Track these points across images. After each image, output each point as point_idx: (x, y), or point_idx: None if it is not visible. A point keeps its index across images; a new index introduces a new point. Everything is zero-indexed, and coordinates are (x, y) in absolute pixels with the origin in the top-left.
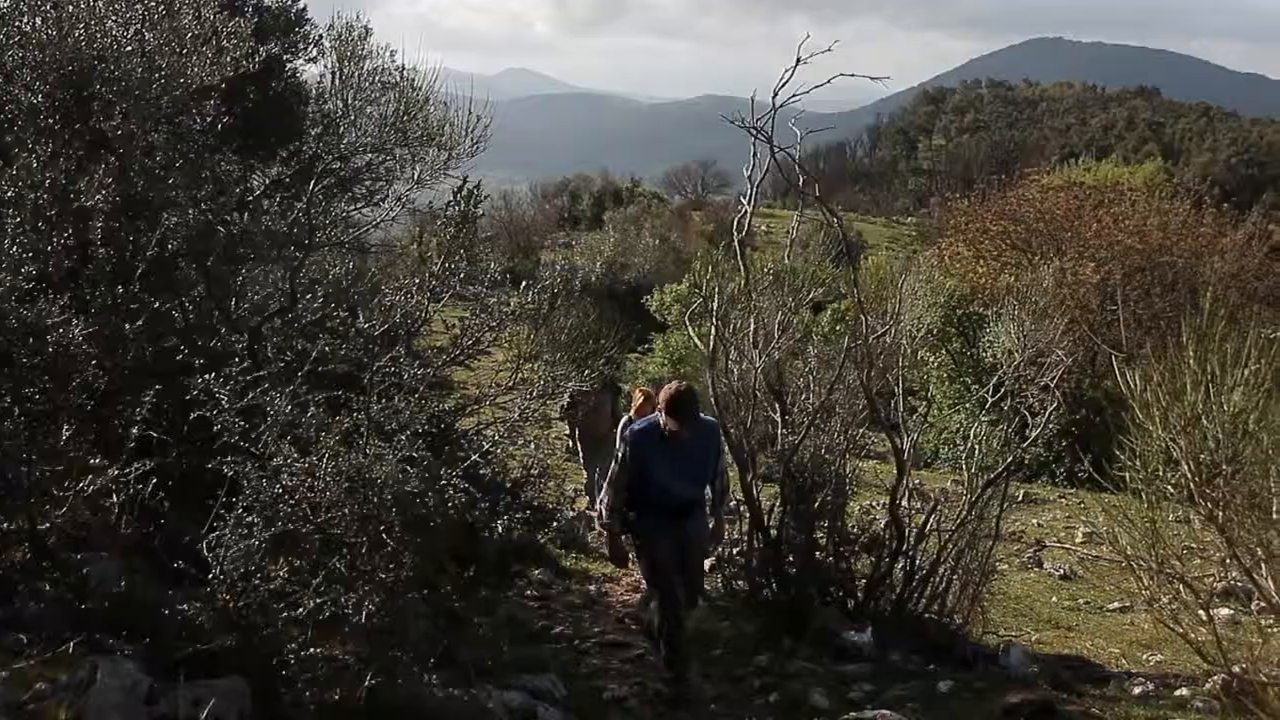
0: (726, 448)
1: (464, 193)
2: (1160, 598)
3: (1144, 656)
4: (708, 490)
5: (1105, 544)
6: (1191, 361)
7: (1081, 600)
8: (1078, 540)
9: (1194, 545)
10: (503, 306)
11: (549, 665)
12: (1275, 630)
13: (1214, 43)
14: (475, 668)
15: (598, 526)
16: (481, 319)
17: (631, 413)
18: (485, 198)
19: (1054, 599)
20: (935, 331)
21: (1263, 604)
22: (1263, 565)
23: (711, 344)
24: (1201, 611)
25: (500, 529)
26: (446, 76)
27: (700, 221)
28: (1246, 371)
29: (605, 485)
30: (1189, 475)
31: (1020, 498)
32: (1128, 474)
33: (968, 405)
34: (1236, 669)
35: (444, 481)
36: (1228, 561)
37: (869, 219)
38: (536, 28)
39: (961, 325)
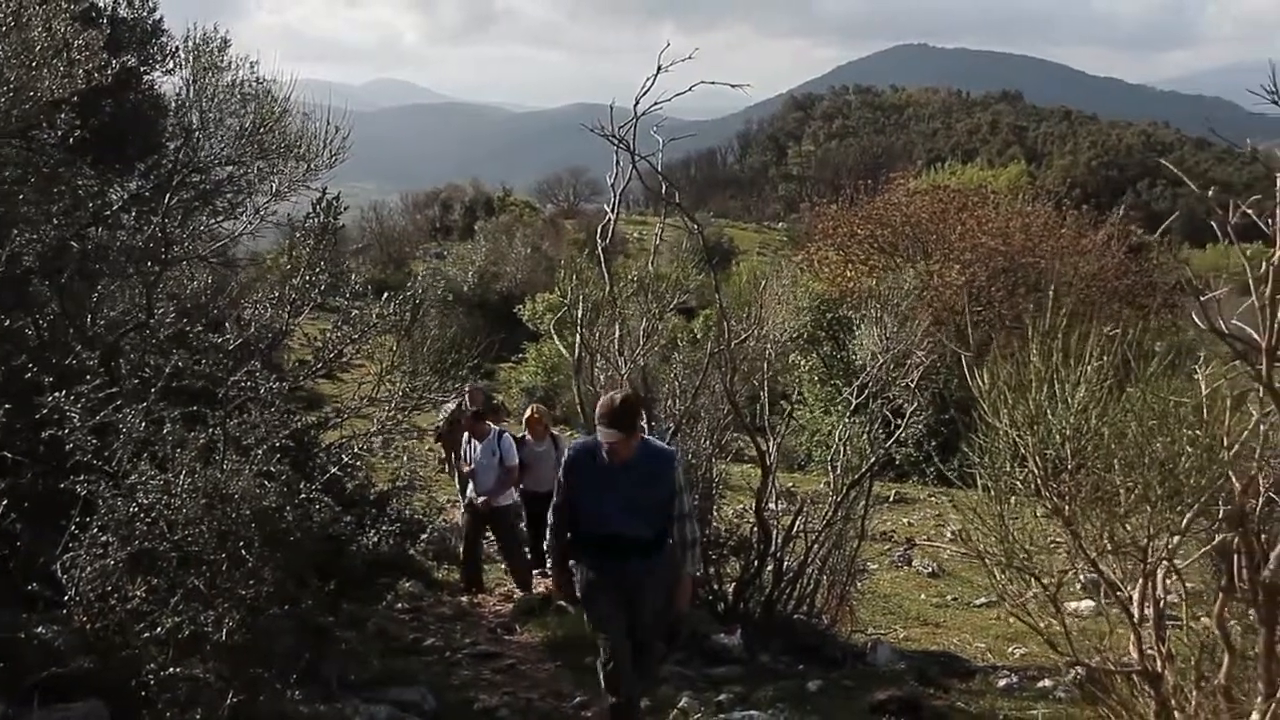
0: (685, 486)
1: (324, 204)
2: (1012, 591)
3: (1009, 650)
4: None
5: (965, 541)
6: (1035, 359)
7: (949, 597)
8: (946, 538)
9: (1044, 540)
10: (366, 318)
11: (419, 677)
12: (1123, 621)
13: (1074, 49)
14: (341, 682)
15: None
16: (344, 331)
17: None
18: (345, 208)
19: (923, 596)
20: (805, 335)
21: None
22: (1110, 557)
23: (577, 351)
24: (1051, 604)
25: (367, 542)
26: (314, 87)
27: (572, 230)
28: (1089, 368)
29: (550, 515)
30: (1035, 471)
31: (891, 498)
32: (978, 471)
33: (838, 408)
34: (1086, 659)
35: (304, 495)
36: (1073, 554)
37: (740, 225)
38: (406, 37)
39: (831, 329)
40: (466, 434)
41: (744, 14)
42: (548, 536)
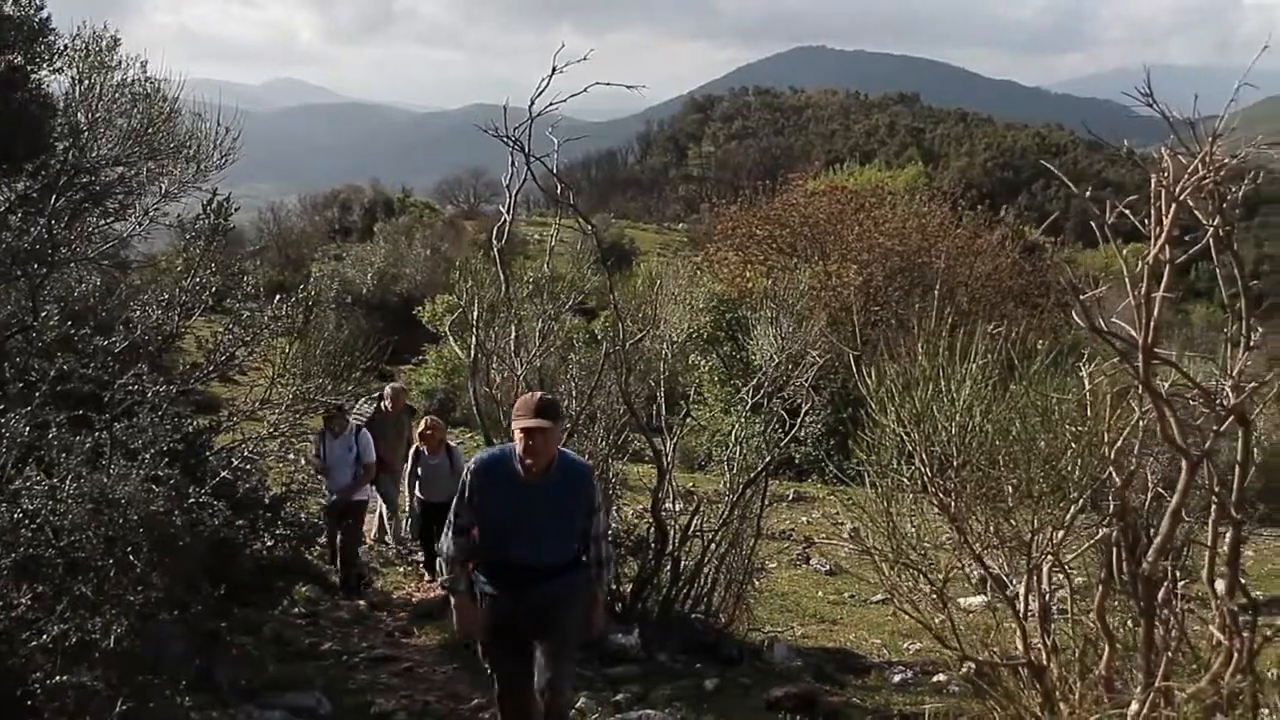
0: (601, 503)
1: (214, 205)
2: (900, 587)
3: (904, 646)
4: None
5: (861, 538)
6: (921, 358)
7: (846, 594)
8: (844, 536)
9: (934, 536)
10: (258, 320)
11: (315, 682)
12: (1008, 614)
13: (971, 51)
14: (234, 688)
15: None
16: (235, 334)
17: (416, 441)
18: (237, 209)
19: (820, 594)
20: (705, 336)
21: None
22: (996, 551)
23: (473, 352)
24: (938, 599)
25: (260, 546)
26: (209, 87)
27: (473, 231)
28: (974, 366)
29: (445, 529)
30: (922, 468)
31: (790, 496)
32: (865, 468)
33: (738, 408)
34: (974, 653)
35: (193, 500)
36: (959, 550)
37: (641, 226)
38: (303, 37)
39: (731, 329)
40: (324, 430)
41: (646, 16)
42: (445, 567)
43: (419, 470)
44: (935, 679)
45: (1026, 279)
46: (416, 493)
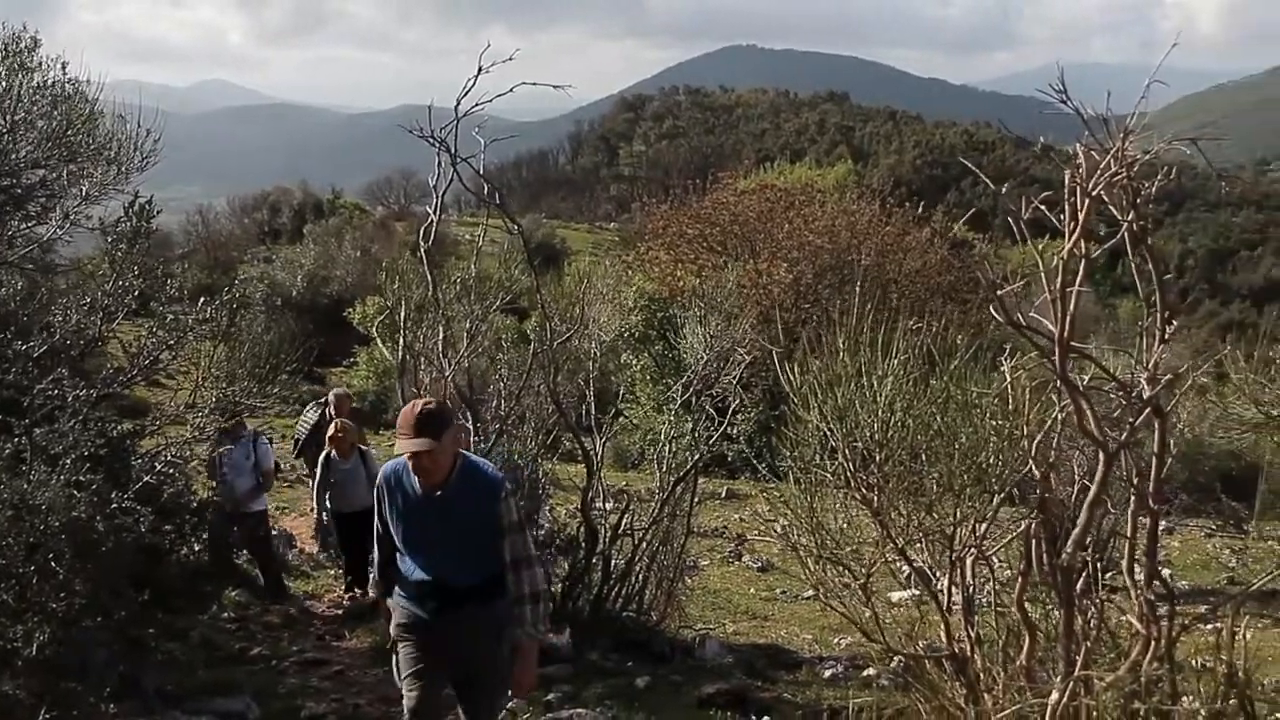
0: (519, 524)
1: (135, 208)
2: (826, 582)
3: (835, 640)
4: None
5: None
6: (843, 354)
7: (778, 590)
8: (776, 533)
9: (859, 531)
10: (183, 323)
11: (244, 687)
12: (932, 607)
13: (899, 50)
14: (161, 694)
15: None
16: (159, 337)
17: (329, 448)
18: (159, 211)
19: (752, 590)
20: (636, 335)
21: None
22: (919, 545)
23: (400, 353)
24: (862, 593)
25: (186, 551)
26: (135, 89)
27: (404, 232)
28: (896, 362)
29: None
30: (845, 463)
31: (723, 494)
32: (789, 464)
33: (670, 406)
34: (900, 647)
35: (115, 505)
36: (882, 544)
37: (572, 226)
38: (232, 38)
39: (662, 328)
40: (220, 437)
41: (577, 16)
42: (373, 574)
43: (331, 478)
44: (865, 673)
45: (955, 275)
46: (327, 502)
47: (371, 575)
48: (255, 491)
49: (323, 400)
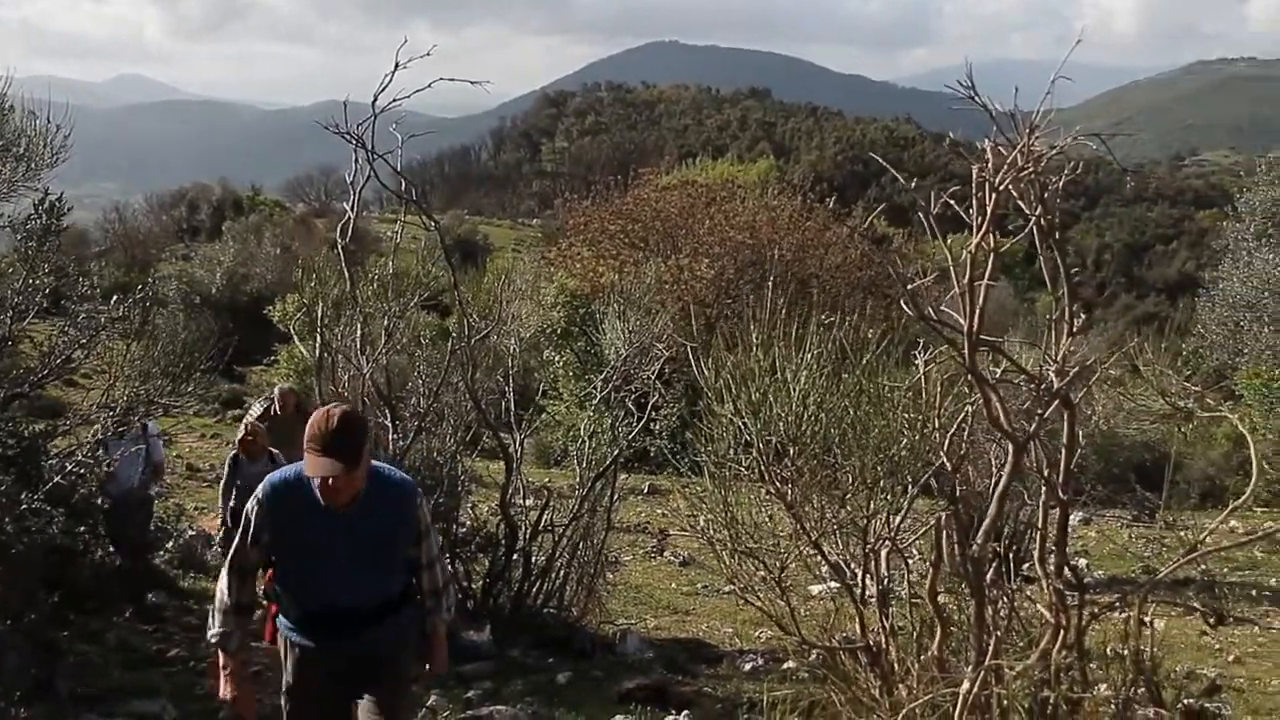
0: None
1: (45, 205)
2: (741, 575)
3: (755, 634)
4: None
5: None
6: (757, 349)
7: (699, 585)
8: (698, 527)
9: (775, 525)
10: (95, 322)
11: (161, 689)
12: (846, 599)
13: (820, 46)
14: (75, 696)
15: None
16: (71, 336)
17: (238, 449)
18: (69, 209)
19: (673, 585)
20: (559, 331)
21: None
22: (839, 539)
23: (318, 351)
24: (777, 586)
25: (101, 553)
26: (49, 83)
27: (325, 229)
28: (809, 356)
29: (223, 569)
30: (759, 457)
31: (646, 489)
32: (704, 458)
33: (593, 402)
34: (817, 639)
35: (25, 506)
36: (796, 537)
37: (495, 222)
38: (148, 32)
39: (584, 324)
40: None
41: (499, 12)
42: (217, 618)
43: (238, 480)
44: (785, 666)
45: (875, 270)
46: (233, 503)
47: (214, 622)
48: (145, 485)
49: (268, 397)
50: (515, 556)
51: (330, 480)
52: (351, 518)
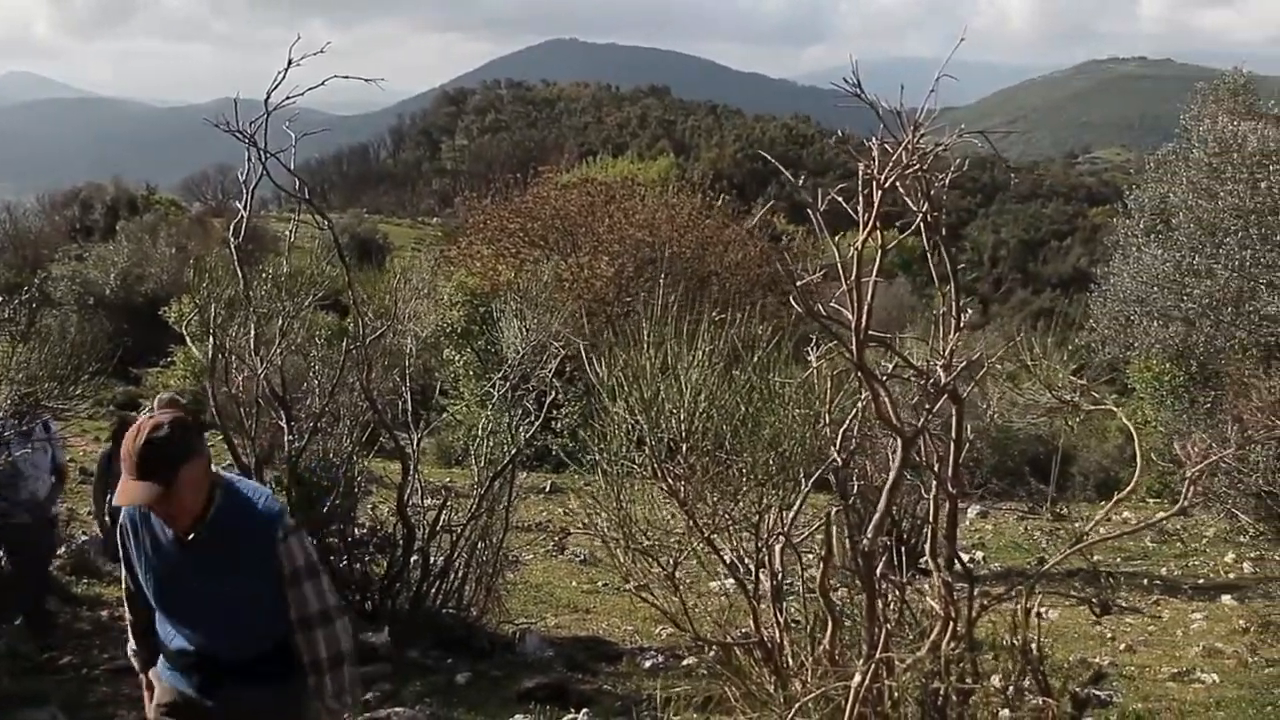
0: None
1: None
2: (635, 572)
3: (656, 631)
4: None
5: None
6: (649, 346)
7: (600, 582)
8: (592, 525)
9: (670, 521)
10: None
11: (51, 697)
12: (740, 595)
13: (719, 44)
14: None
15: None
16: None
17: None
18: None
19: (574, 583)
20: (459, 330)
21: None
22: (729, 534)
23: (211, 352)
24: (670, 583)
25: None
26: None
27: (221, 228)
28: (701, 353)
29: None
30: (651, 454)
31: (548, 488)
32: (598, 456)
33: (492, 401)
34: (712, 635)
35: None
36: (689, 534)
37: (394, 221)
38: (37, 28)
39: (485, 323)
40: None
41: (395, 8)
42: (130, 642)
43: (108, 480)
44: (685, 663)
45: (775, 267)
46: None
47: (129, 644)
48: (55, 491)
49: (150, 409)
50: (414, 557)
51: (148, 507)
52: (198, 546)
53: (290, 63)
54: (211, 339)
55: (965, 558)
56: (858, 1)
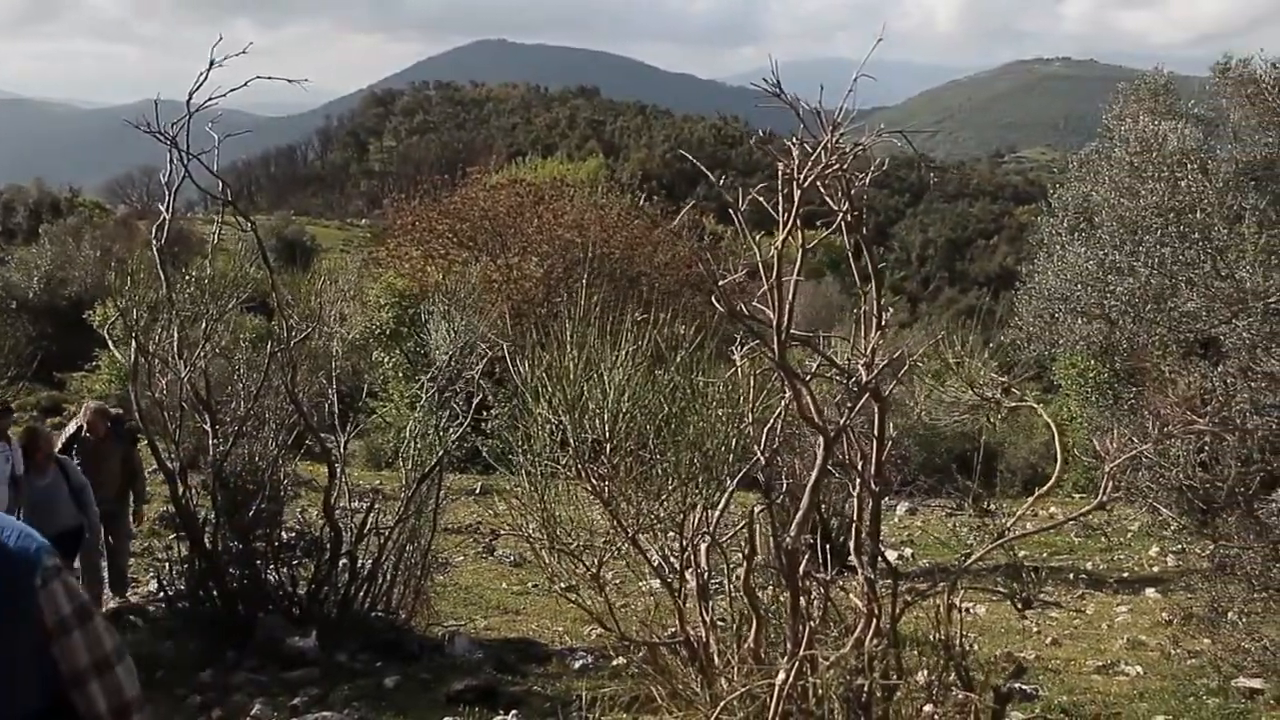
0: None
1: None
2: (559, 572)
3: (585, 631)
4: None
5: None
6: (571, 346)
7: (530, 584)
8: (531, 527)
9: (588, 521)
10: None
11: None
12: (664, 594)
13: (648, 45)
14: None
15: None
16: None
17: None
18: None
19: (504, 585)
20: (388, 331)
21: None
22: (653, 533)
23: (133, 356)
24: (594, 582)
25: None
26: None
27: (147, 231)
28: (624, 354)
29: None
30: (575, 454)
31: (478, 489)
32: (521, 457)
33: (421, 403)
34: (635, 634)
35: None
36: (613, 534)
37: (323, 223)
38: None
39: (414, 325)
40: None
41: (322, 8)
42: None
43: (23, 496)
44: (615, 663)
45: (704, 267)
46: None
47: None
48: (13, 505)
49: (76, 416)
50: (341, 560)
51: None
52: None
53: (212, 63)
54: (134, 342)
55: (893, 555)
56: (789, 3)
